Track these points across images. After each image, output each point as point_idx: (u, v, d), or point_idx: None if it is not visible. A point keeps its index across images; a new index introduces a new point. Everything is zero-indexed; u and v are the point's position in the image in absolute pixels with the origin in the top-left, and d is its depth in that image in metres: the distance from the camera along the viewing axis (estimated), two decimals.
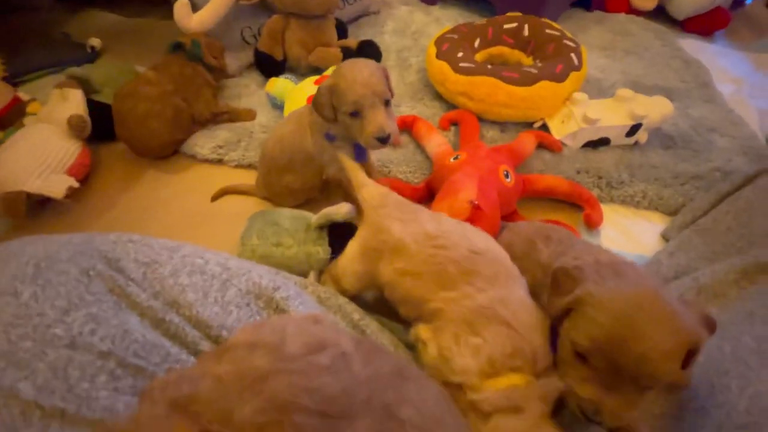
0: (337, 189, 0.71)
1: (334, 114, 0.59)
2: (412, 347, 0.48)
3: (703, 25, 1.33)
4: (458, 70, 0.91)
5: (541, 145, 0.85)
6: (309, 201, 0.76)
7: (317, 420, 0.22)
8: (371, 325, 0.48)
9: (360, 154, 0.66)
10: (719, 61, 1.23)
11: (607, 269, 0.38)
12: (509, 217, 0.73)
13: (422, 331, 0.44)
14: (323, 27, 1.05)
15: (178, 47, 0.92)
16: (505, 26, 1.06)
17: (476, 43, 1.05)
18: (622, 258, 0.45)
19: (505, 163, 0.72)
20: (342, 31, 1.14)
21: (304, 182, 0.70)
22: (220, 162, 0.89)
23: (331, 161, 0.66)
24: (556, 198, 0.78)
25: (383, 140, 0.57)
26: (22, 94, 1.00)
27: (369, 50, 1.07)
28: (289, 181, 0.69)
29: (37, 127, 0.81)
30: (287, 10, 1.00)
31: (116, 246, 0.39)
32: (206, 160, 0.89)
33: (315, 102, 0.60)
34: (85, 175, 0.86)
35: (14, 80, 1.09)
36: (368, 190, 0.56)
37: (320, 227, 0.61)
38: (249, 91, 1.05)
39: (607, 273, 0.37)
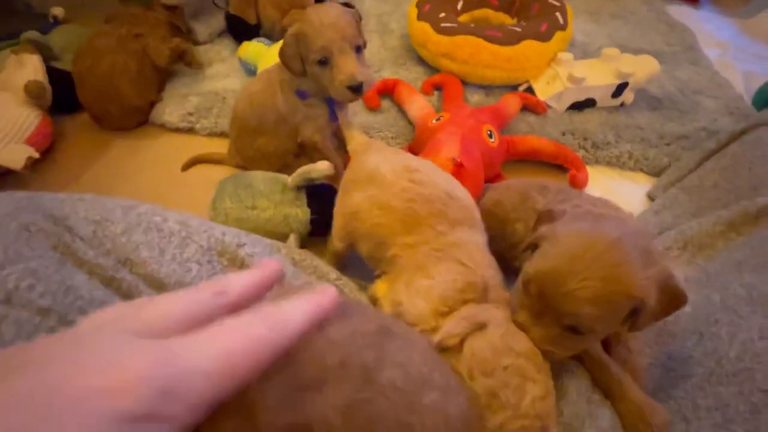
0: (314, 153, 0.67)
1: (302, 66, 0.56)
2: None
3: None
4: (440, 30, 0.87)
5: (525, 108, 0.83)
6: (285, 167, 0.72)
7: (283, 390, 0.19)
8: (349, 284, 0.45)
9: (335, 112, 0.62)
10: (705, 26, 1.21)
11: (589, 215, 0.36)
12: (493, 179, 0.71)
13: (378, 289, 0.43)
14: None
15: None
16: None
17: (459, 5, 1.01)
18: (622, 211, 0.43)
19: (488, 123, 0.69)
20: None
21: (277, 145, 0.66)
22: (191, 131, 0.84)
23: (305, 121, 0.63)
24: (540, 160, 0.76)
25: (356, 89, 0.53)
26: None
27: None
28: (261, 145, 0.65)
29: None
30: None
31: (64, 203, 0.36)
32: (177, 129, 0.85)
33: (281, 54, 0.56)
34: (47, 146, 0.80)
35: None
36: (356, 140, 0.55)
37: (297, 188, 0.58)
38: (221, 57, 1.00)
39: (586, 218, 0.35)
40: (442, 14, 0.92)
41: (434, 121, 0.71)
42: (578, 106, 0.83)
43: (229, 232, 0.40)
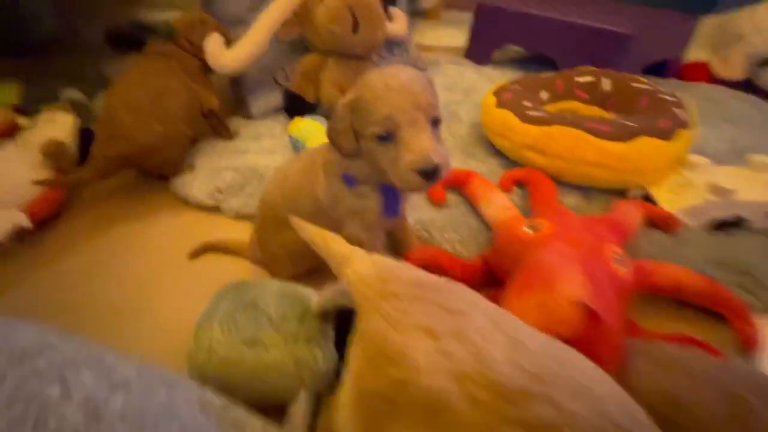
0: None
1: (356, 143, 0.40)
2: None
3: None
4: (526, 118, 0.72)
5: (649, 222, 0.61)
6: (314, 272, 0.54)
7: None
8: None
9: (391, 206, 0.44)
10: None
11: None
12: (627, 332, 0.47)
13: None
14: (363, 69, 0.91)
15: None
16: (578, 79, 0.88)
17: (544, 96, 0.87)
18: None
19: (611, 241, 0.48)
20: None
21: (307, 243, 0.48)
22: (216, 210, 0.70)
23: (349, 215, 0.45)
24: (683, 300, 0.52)
25: (429, 174, 0.36)
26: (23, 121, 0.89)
27: None
28: (288, 240, 0.48)
29: (4, 151, 0.66)
30: (326, 48, 0.88)
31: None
32: (201, 206, 0.71)
33: (330, 129, 0.41)
34: (53, 213, 0.69)
35: (30, 110, 1.01)
36: (357, 265, 0.32)
37: (324, 314, 0.38)
38: (271, 133, 0.90)
39: None
40: (527, 102, 0.78)
41: (527, 230, 0.51)
42: (722, 226, 0.61)
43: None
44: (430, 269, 0.58)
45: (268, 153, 0.82)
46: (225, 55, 0.81)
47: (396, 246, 0.61)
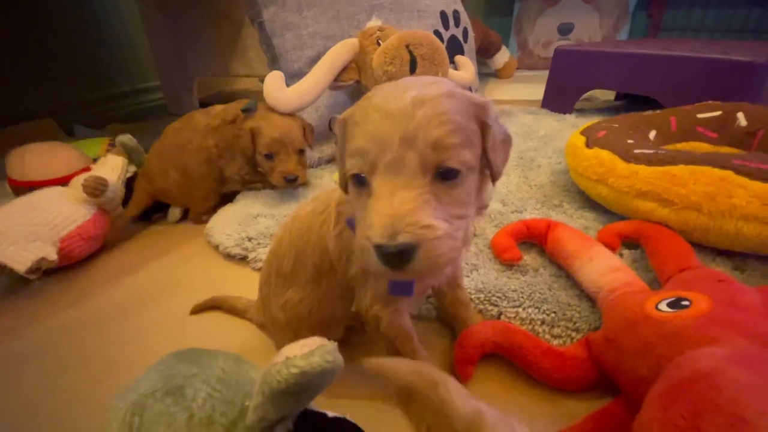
0: (376, 336, 0.34)
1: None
2: None
3: None
4: (634, 158, 0.54)
5: None
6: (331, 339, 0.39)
7: None
8: None
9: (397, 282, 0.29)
10: None
11: None
12: None
13: None
14: None
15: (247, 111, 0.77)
16: (700, 115, 0.69)
17: (652, 135, 0.69)
18: None
19: None
20: None
21: (313, 306, 0.35)
22: (243, 260, 0.61)
23: (361, 276, 0.31)
24: None
25: (390, 258, 0.22)
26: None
27: None
28: (291, 303, 0.35)
29: (51, 188, 0.66)
30: None
31: None
32: (229, 255, 0.62)
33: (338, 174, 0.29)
34: (91, 249, 0.66)
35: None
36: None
37: (277, 402, 0.23)
38: (319, 182, 0.83)
39: None
40: (630, 141, 0.61)
41: (665, 308, 0.32)
42: None
43: None
44: (502, 352, 0.41)
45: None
46: (285, 91, 0.78)
47: (450, 321, 0.45)
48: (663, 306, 0.33)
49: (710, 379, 0.21)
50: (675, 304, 0.33)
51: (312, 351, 0.20)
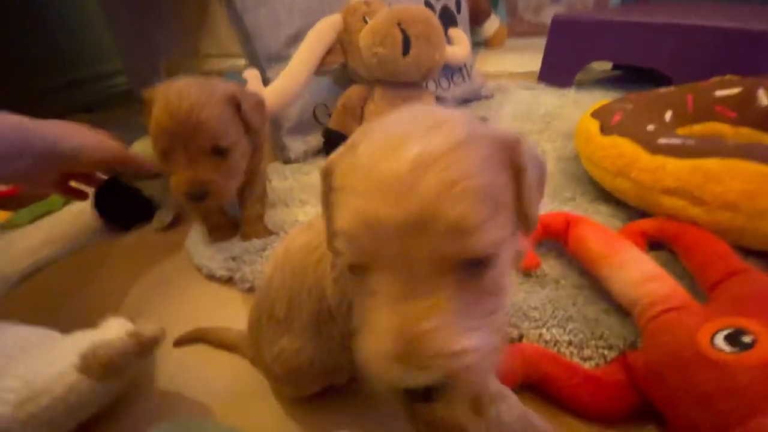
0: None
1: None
2: None
3: None
4: (659, 149, 0.49)
5: None
6: (331, 392, 0.34)
7: None
8: None
9: None
10: None
11: None
12: None
13: None
14: (416, 100, 0.75)
15: None
16: (718, 93, 0.63)
17: (668, 117, 0.63)
18: None
19: None
20: None
21: (313, 356, 0.29)
22: (228, 282, 0.55)
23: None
24: None
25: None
26: None
27: None
28: (285, 355, 0.29)
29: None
30: (374, 77, 0.73)
31: None
32: (213, 277, 0.56)
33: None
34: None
35: None
36: None
37: None
38: (307, 180, 0.76)
39: None
40: (651, 126, 0.55)
41: (722, 344, 0.27)
42: None
43: None
44: (531, 381, 0.37)
45: (299, 205, 0.66)
46: (262, 92, 0.69)
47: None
48: (719, 341, 0.29)
49: None
50: (735, 340, 0.28)
51: None
